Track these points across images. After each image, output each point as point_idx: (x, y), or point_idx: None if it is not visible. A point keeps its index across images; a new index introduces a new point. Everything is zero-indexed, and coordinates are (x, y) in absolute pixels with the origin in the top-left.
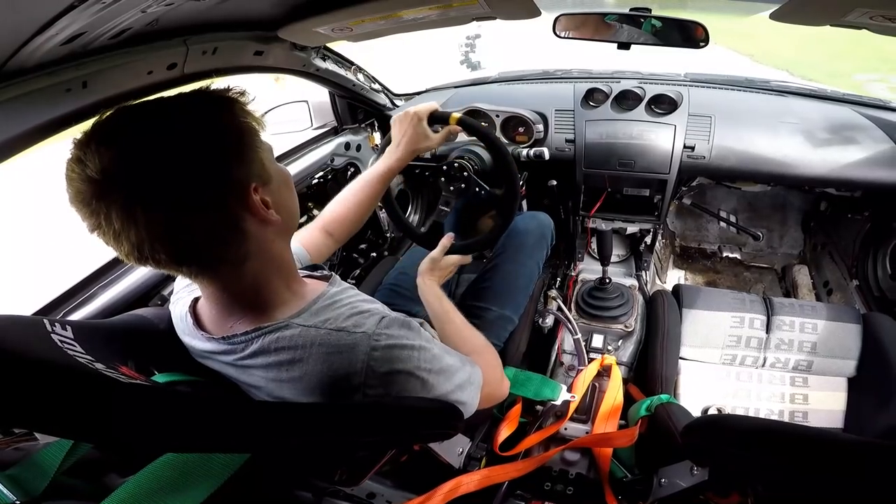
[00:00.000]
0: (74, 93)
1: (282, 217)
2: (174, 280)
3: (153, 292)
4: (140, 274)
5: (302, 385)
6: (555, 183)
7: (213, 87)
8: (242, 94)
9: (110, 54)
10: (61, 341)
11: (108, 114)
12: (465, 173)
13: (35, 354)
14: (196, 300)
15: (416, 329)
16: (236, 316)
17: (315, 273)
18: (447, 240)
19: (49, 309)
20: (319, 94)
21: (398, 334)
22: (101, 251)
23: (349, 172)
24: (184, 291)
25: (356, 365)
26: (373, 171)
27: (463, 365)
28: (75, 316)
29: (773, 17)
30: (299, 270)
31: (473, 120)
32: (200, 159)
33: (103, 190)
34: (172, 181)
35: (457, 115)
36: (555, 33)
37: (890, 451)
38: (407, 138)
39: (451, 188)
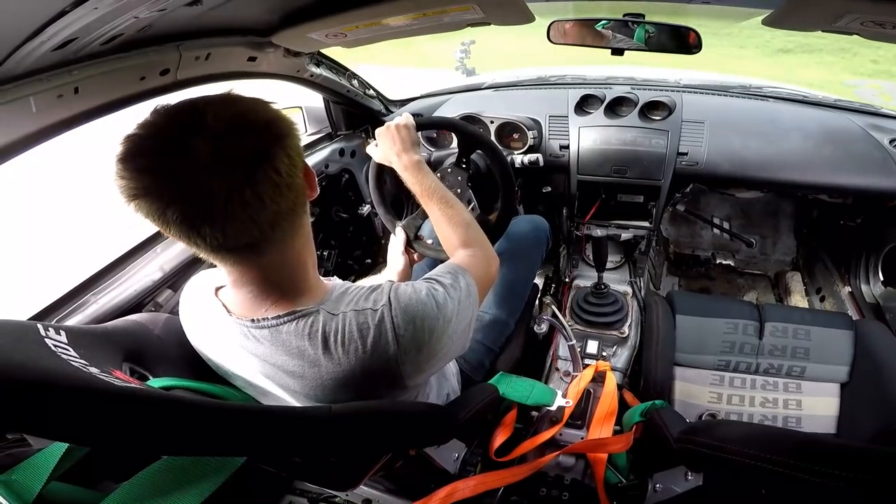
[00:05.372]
0: (66, 99)
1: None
2: (168, 287)
3: (147, 299)
4: (134, 280)
5: (338, 370)
6: (549, 189)
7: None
8: None
9: (102, 60)
10: (55, 345)
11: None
12: (459, 178)
13: (28, 358)
14: (217, 289)
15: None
16: (272, 299)
17: None
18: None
19: (41, 316)
20: (314, 100)
21: (405, 288)
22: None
23: (343, 179)
24: (191, 287)
25: (385, 326)
26: None
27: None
28: (68, 323)
29: (766, 22)
30: None
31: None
32: None
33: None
34: None
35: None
36: (549, 39)
37: (880, 456)
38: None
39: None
